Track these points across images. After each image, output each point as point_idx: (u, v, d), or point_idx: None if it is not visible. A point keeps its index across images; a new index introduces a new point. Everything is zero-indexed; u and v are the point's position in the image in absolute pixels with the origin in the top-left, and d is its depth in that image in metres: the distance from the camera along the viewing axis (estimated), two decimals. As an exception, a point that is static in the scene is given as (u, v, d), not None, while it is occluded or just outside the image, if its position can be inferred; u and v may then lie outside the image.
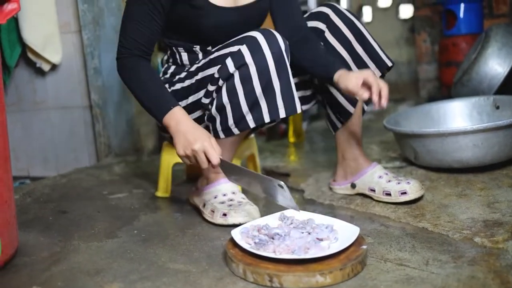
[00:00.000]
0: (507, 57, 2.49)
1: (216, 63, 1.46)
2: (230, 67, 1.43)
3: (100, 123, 2.56)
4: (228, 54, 1.44)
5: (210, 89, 1.48)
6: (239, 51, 1.42)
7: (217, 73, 1.45)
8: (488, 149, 1.68)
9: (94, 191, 2.02)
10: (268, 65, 1.42)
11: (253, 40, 1.42)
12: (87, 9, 2.48)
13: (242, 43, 1.43)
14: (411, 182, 1.56)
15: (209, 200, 1.57)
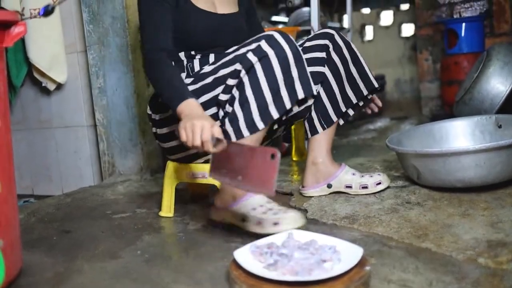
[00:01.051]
0: (509, 76, 2.50)
1: (235, 62, 1.54)
2: (252, 58, 1.50)
3: (104, 142, 2.57)
4: (247, 51, 1.53)
5: (230, 83, 1.54)
6: (258, 46, 1.51)
7: (239, 65, 1.52)
8: (490, 169, 1.68)
9: (98, 211, 2.03)
10: (287, 55, 1.51)
11: (270, 37, 1.52)
12: (93, 29, 2.51)
13: (260, 40, 1.52)
14: (381, 174, 1.90)
15: (248, 213, 1.55)
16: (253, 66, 1.50)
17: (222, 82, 1.57)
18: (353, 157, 2.54)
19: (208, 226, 1.71)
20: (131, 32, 2.47)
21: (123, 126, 2.52)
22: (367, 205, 1.76)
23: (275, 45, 1.51)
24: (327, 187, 1.90)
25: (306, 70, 1.56)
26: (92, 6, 2.50)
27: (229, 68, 1.56)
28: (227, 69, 1.57)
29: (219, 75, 1.59)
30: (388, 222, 1.59)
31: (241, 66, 1.51)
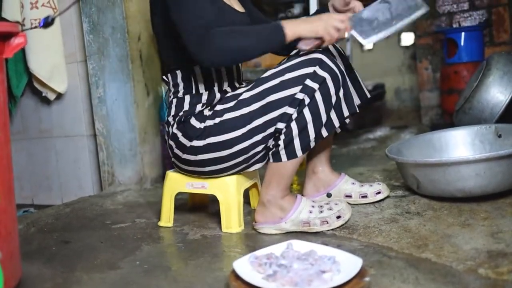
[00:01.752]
0: (509, 85, 2.51)
1: (290, 86, 1.55)
2: (313, 85, 1.54)
3: (104, 151, 2.57)
4: (304, 75, 1.55)
5: (290, 111, 1.56)
6: (314, 72, 1.54)
7: (300, 94, 1.54)
8: (491, 178, 1.68)
9: (97, 221, 2.03)
10: (339, 78, 1.58)
11: (322, 61, 1.56)
12: (93, 39, 2.52)
13: (315, 63, 1.55)
14: (380, 183, 1.91)
15: (308, 217, 1.63)
16: (316, 93, 1.55)
17: (276, 107, 1.56)
18: (352, 166, 2.54)
19: (208, 236, 1.70)
20: (131, 42, 2.48)
21: (123, 136, 2.52)
22: (367, 215, 1.76)
23: (327, 68, 1.56)
24: (327, 196, 1.90)
25: (349, 89, 1.69)
26: (92, 16, 2.51)
27: (284, 91, 1.55)
28: (282, 93, 1.55)
29: (273, 99, 1.56)
30: (388, 232, 1.58)
31: (303, 94, 1.54)
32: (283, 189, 1.66)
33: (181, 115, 1.66)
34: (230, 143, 1.61)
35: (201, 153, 1.64)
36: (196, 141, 1.63)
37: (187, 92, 1.68)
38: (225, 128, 1.60)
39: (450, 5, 3.65)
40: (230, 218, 1.73)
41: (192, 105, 1.66)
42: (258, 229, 1.69)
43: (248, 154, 1.63)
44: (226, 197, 1.73)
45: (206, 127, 1.61)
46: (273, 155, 1.62)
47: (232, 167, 1.68)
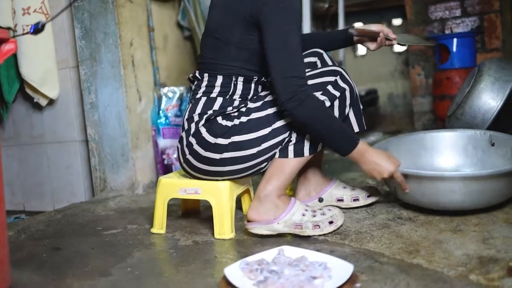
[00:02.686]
0: (500, 91, 2.51)
1: (313, 90, 1.61)
2: (335, 92, 1.65)
3: (96, 157, 2.57)
4: (327, 82, 1.65)
5: None
6: (336, 81, 1.66)
7: (322, 96, 1.63)
8: (466, 196, 1.63)
9: (89, 227, 2.02)
10: (354, 93, 1.72)
11: (340, 73, 1.68)
12: (85, 45, 2.52)
13: (335, 74, 1.66)
14: (372, 187, 1.94)
15: (301, 220, 1.65)
16: (335, 100, 1.65)
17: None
18: (345, 171, 2.54)
19: (199, 242, 1.70)
20: (123, 48, 2.47)
21: (115, 142, 2.51)
22: (359, 221, 1.76)
23: (346, 81, 1.68)
24: (319, 201, 1.90)
25: (360, 107, 1.79)
26: (84, 22, 2.50)
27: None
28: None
29: None
30: (380, 237, 1.58)
31: (324, 97, 1.63)
32: (281, 187, 1.66)
33: (210, 113, 1.66)
34: (255, 142, 1.63)
35: (224, 151, 1.64)
36: (221, 138, 1.64)
37: (221, 95, 1.68)
38: (250, 128, 1.63)
39: (443, 12, 3.67)
40: (222, 224, 1.72)
41: (223, 107, 1.67)
42: (250, 229, 1.68)
43: (268, 154, 1.66)
44: (219, 203, 1.72)
45: (233, 125, 1.63)
46: (280, 150, 1.66)
47: (251, 167, 1.68)
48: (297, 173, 1.73)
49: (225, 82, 1.67)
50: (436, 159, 2.05)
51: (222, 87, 1.67)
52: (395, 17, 4.80)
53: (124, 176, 2.52)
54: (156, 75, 2.69)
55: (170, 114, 2.63)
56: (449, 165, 2.03)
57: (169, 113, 2.63)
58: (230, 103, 1.66)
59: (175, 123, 2.65)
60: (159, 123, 2.62)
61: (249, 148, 1.63)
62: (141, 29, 2.63)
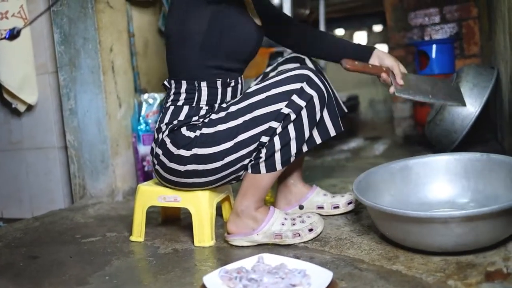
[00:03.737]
0: (478, 97, 2.55)
1: (276, 101, 1.55)
2: (300, 102, 1.55)
3: (75, 164, 2.54)
4: (291, 91, 1.55)
5: (274, 125, 1.55)
6: (302, 88, 1.55)
7: (286, 109, 1.54)
8: (435, 238, 1.40)
9: (67, 235, 1.99)
10: (325, 96, 1.61)
11: (309, 78, 1.57)
12: (64, 50, 2.49)
13: (302, 80, 1.56)
14: (351, 193, 1.88)
15: (281, 230, 1.63)
16: (302, 110, 1.56)
17: (261, 122, 1.56)
18: (326, 178, 2.55)
19: (179, 250, 1.69)
20: (103, 53, 2.45)
21: (95, 148, 2.49)
22: (339, 227, 1.76)
23: (314, 86, 1.57)
24: (299, 208, 1.90)
25: (335, 108, 1.69)
26: (63, 27, 2.48)
27: (271, 106, 1.55)
28: (268, 108, 1.55)
29: (259, 114, 1.56)
30: (360, 244, 1.59)
31: (289, 109, 1.54)
32: (258, 200, 1.65)
33: (175, 123, 1.64)
34: (216, 156, 1.59)
35: (187, 163, 1.62)
36: (183, 150, 1.61)
37: (187, 103, 1.65)
38: (211, 141, 1.59)
39: (422, 18, 3.71)
40: (202, 231, 1.71)
41: (188, 116, 1.63)
42: (230, 241, 1.67)
43: (233, 168, 1.62)
44: (199, 210, 1.71)
45: (195, 136, 1.60)
46: (252, 166, 1.62)
47: (216, 180, 1.66)
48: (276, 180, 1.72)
49: (189, 88, 1.64)
50: (427, 190, 1.79)
51: (187, 93, 1.65)
52: (375, 23, 4.84)
53: (104, 183, 2.50)
54: (137, 81, 2.67)
55: (150, 120, 2.61)
56: (442, 196, 1.76)
57: (150, 119, 2.61)
58: (197, 111, 1.63)
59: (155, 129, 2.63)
60: (139, 129, 2.60)
61: (212, 162, 1.60)
62: (121, 34, 2.61)
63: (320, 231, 1.68)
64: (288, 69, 1.62)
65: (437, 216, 1.37)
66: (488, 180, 1.68)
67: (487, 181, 1.69)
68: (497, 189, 1.65)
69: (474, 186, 1.72)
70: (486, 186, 1.67)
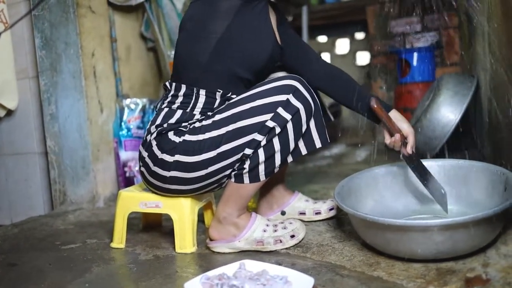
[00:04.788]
0: (458, 105, 2.57)
1: (261, 113, 1.52)
2: (286, 115, 1.52)
3: (55, 169, 2.51)
4: (277, 103, 1.52)
5: (259, 138, 1.53)
6: (288, 100, 1.52)
7: (271, 122, 1.51)
8: (404, 243, 1.42)
9: (47, 242, 1.96)
10: (312, 108, 1.58)
11: (296, 89, 1.54)
12: (45, 55, 2.47)
13: (289, 91, 1.52)
14: (333, 200, 1.83)
15: (262, 236, 1.63)
16: (288, 123, 1.53)
17: (245, 134, 1.53)
18: (308, 184, 2.55)
19: (160, 257, 1.67)
20: (85, 58, 2.44)
21: (76, 154, 2.46)
22: (321, 233, 1.76)
23: (301, 98, 1.54)
24: (281, 214, 1.90)
25: (322, 119, 1.65)
26: (44, 32, 2.46)
27: (256, 118, 1.52)
28: (254, 119, 1.52)
29: (243, 125, 1.53)
30: (341, 250, 1.59)
31: (274, 123, 1.51)
32: (240, 208, 1.65)
33: (165, 126, 1.62)
34: (198, 165, 1.57)
35: (170, 169, 1.60)
36: (166, 154, 1.59)
37: (182, 107, 1.63)
38: (193, 150, 1.56)
39: (404, 27, 3.75)
40: (184, 238, 1.70)
41: (179, 121, 1.61)
42: (212, 247, 1.67)
43: (216, 177, 1.60)
44: (181, 216, 1.71)
45: (179, 142, 1.58)
46: (235, 176, 1.60)
47: (199, 189, 1.65)
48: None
49: (187, 92, 1.63)
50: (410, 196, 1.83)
51: (184, 97, 1.63)
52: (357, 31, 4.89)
53: (85, 189, 2.47)
54: (119, 86, 2.66)
55: (132, 126, 2.60)
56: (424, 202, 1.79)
57: (131, 125, 2.60)
58: (189, 117, 1.61)
59: (137, 135, 2.62)
60: (121, 135, 2.58)
61: (194, 171, 1.58)
62: (104, 39, 2.60)
63: (302, 237, 1.68)
64: (275, 77, 1.60)
65: (416, 224, 1.38)
66: (470, 187, 1.71)
67: (469, 188, 1.71)
68: (479, 196, 1.67)
69: (456, 192, 1.74)
70: (468, 193, 1.69)
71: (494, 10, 1.86)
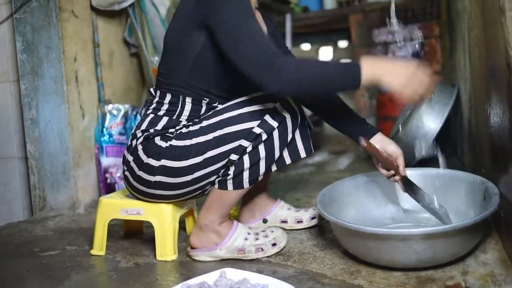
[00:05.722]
0: (440, 114, 2.60)
1: (248, 119, 1.51)
2: (273, 123, 1.53)
3: (35, 175, 2.48)
4: (264, 110, 1.52)
5: (245, 144, 1.52)
6: (275, 109, 1.53)
7: (258, 129, 1.51)
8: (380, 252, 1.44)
9: (25, 248, 1.94)
10: (298, 118, 1.59)
11: (283, 98, 1.54)
12: (26, 59, 2.45)
13: (275, 100, 1.53)
14: (315, 208, 1.83)
15: (243, 245, 1.63)
16: (274, 131, 1.54)
17: (232, 140, 1.52)
18: (290, 192, 2.56)
19: (141, 264, 1.66)
20: (67, 63, 2.42)
21: (56, 159, 2.44)
22: (302, 241, 1.77)
23: (288, 107, 1.56)
24: (263, 222, 1.90)
25: (307, 130, 1.68)
26: (26, 35, 2.43)
27: (242, 124, 1.52)
28: (240, 125, 1.52)
29: (230, 131, 1.52)
30: (322, 258, 1.59)
31: (261, 129, 1.52)
32: (222, 216, 1.64)
33: (151, 132, 1.60)
34: (184, 171, 1.56)
35: (155, 174, 1.59)
36: (152, 159, 1.58)
37: (168, 114, 1.61)
38: (180, 155, 1.55)
39: (386, 36, 3.79)
40: (165, 245, 1.69)
41: (166, 127, 1.59)
42: (193, 256, 1.66)
43: (201, 183, 1.60)
44: (162, 223, 1.69)
45: (166, 147, 1.56)
46: (219, 182, 1.60)
47: (183, 195, 1.64)
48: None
49: (173, 100, 1.61)
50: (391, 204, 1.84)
51: (170, 105, 1.61)
52: (341, 39, 4.92)
53: (65, 195, 2.45)
54: (101, 92, 2.64)
55: (114, 132, 2.58)
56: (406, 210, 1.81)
57: (113, 131, 2.58)
58: (176, 124, 1.60)
59: (119, 141, 2.60)
60: (102, 140, 2.56)
61: (180, 176, 1.57)
62: (86, 44, 2.58)
63: (284, 245, 1.68)
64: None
65: (396, 233, 1.40)
66: (450, 196, 1.72)
67: (449, 197, 1.72)
68: (459, 205, 1.69)
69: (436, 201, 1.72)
70: (448, 202, 1.70)
71: (474, 21, 1.89)
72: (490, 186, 1.54)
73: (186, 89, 1.60)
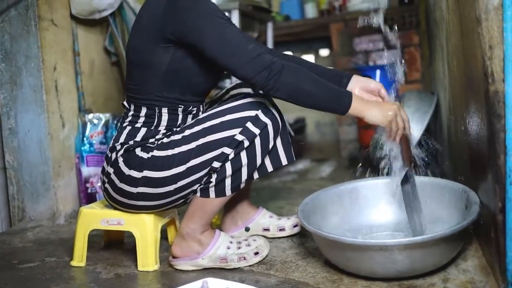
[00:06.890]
0: (420, 122, 2.62)
1: (230, 127, 1.52)
2: (255, 130, 1.54)
3: (14, 185, 2.44)
4: (246, 118, 1.53)
5: (227, 151, 1.53)
6: (257, 116, 1.54)
7: (240, 136, 1.52)
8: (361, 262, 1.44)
9: (4, 260, 1.90)
10: (279, 125, 1.60)
11: (263, 105, 1.57)
12: (5, 68, 2.42)
13: (258, 107, 1.55)
14: (297, 216, 1.68)
15: (226, 254, 1.62)
16: (256, 138, 1.55)
17: (214, 148, 1.53)
18: (273, 200, 2.55)
19: (122, 275, 1.64)
20: (46, 72, 2.39)
21: (35, 169, 2.41)
22: (284, 250, 1.77)
23: (269, 114, 1.57)
24: (245, 230, 1.89)
25: (288, 137, 1.70)
26: (4, 44, 2.40)
27: (224, 132, 1.53)
28: (222, 133, 1.53)
29: (212, 139, 1.53)
30: (305, 267, 1.60)
31: (243, 136, 1.53)
32: (204, 224, 1.63)
33: (131, 144, 1.60)
34: (167, 181, 1.56)
35: (137, 185, 1.58)
36: (134, 171, 1.57)
37: (146, 126, 1.61)
38: (162, 165, 1.55)
39: (367, 44, 3.82)
40: (146, 255, 1.68)
41: (145, 138, 1.60)
42: (175, 265, 1.65)
43: (184, 192, 1.60)
44: (143, 234, 1.68)
45: (147, 158, 1.56)
46: (201, 190, 1.60)
47: (165, 204, 1.64)
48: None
49: (149, 113, 1.61)
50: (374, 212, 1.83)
51: (147, 118, 1.61)
52: (322, 47, 4.94)
53: (45, 205, 2.42)
54: (81, 101, 2.61)
55: (94, 141, 2.56)
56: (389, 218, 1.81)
57: (94, 140, 2.56)
58: (154, 133, 1.60)
59: (100, 150, 2.57)
60: (83, 150, 2.54)
61: (163, 186, 1.57)
62: (66, 53, 2.56)
63: (266, 254, 1.68)
64: (242, 94, 1.62)
65: (373, 243, 1.39)
66: (432, 204, 1.72)
67: (431, 205, 1.72)
68: (441, 213, 1.69)
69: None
70: (431, 210, 1.70)
71: (452, 30, 1.91)
72: (472, 195, 1.54)
73: (160, 101, 1.60)
